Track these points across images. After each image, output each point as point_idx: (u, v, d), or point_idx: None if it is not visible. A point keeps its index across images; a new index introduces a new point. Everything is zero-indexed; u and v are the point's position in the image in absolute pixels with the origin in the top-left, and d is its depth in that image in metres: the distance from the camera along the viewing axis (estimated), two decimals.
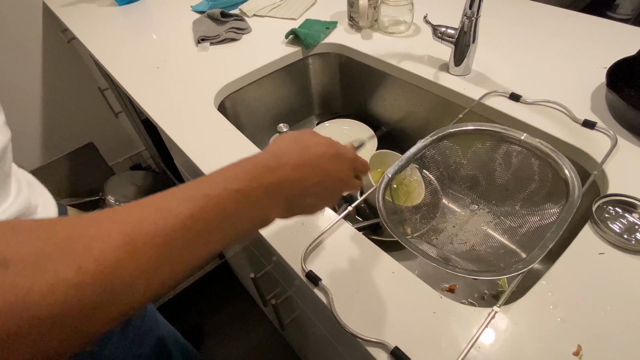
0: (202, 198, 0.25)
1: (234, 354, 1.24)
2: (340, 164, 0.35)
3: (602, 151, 0.52)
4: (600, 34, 0.75)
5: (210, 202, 0.25)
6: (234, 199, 0.27)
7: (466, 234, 0.61)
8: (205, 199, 0.25)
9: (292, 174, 0.31)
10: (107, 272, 0.20)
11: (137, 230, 0.22)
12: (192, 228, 0.24)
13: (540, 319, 0.37)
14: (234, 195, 0.27)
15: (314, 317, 0.60)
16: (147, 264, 0.21)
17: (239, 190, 0.27)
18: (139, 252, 0.21)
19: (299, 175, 0.31)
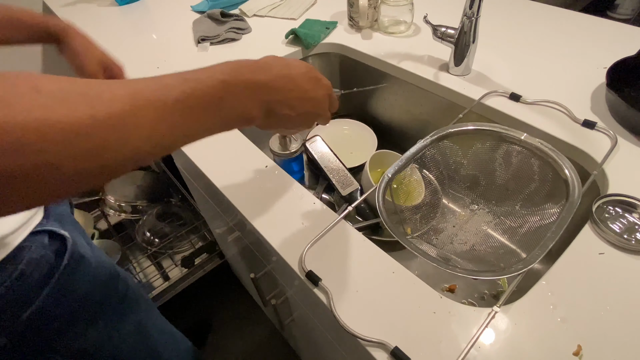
0: (194, 80, 0.29)
1: (234, 354, 1.24)
2: (318, 88, 0.39)
3: (602, 151, 0.52)
4: (600, 34, 0.75)
5: (200, 85, 0.29)
6: (220, 87, 0.31)
7: (466, 234, 0.61)
8: (197, 82, 0.29)
9: (273, 81, 0.35)
10: (114, 115, 0.24)
11: (139, 93, 0.26)
12: (184, 102, 0.28)
13: (540, 319, 0.37)
14: (220, 84, 0.31)
15: (314, 317, 0.60)
16: (147, 120, 0.26)
17: (224, 81, 0.31)
18: (140, 109, 0.26)
19: (280, 85, 0.35)
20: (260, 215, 0.50)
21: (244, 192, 0.53)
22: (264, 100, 0.34)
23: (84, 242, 0.52)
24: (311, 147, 0.72)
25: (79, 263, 0.49)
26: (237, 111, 0.33)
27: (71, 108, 0.22)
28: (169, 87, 0.28)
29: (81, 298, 0.49)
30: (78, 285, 0.49)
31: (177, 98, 0.28)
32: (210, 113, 0.31)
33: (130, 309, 0.60)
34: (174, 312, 1.29)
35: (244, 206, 0.51)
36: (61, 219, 0.50)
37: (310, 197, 0.51)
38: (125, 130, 0.25)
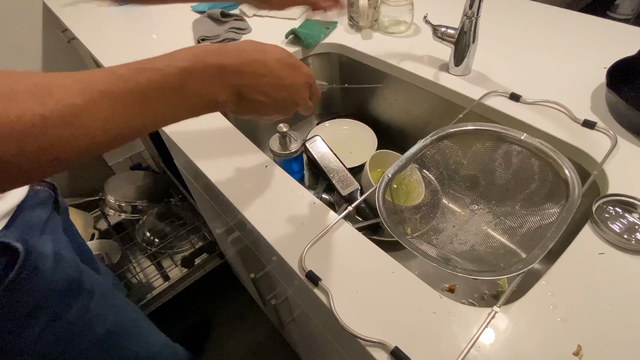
0: (150, 70, 0.29)
1: (234, 354, 1.24)
2: (295, 75, 0.38)
3: (602, 151, 0.52)
4: (600, 34, 0.75)
5: (157, 74, 0.29)
6: (179, 75, 0.30)
7: (466, 234, 0.61)
8: (153, 71, 0.29)
9: (244, 65, 0.34)
10: (65, 111, 0.24)
11: (92, 86, 0.26)
12: (140, 92, 0.28)
13: (540, 319, 0.37)
14: (179, 71, 0.30)
15: (314, 317, 0.60)
16: (101, 113, 0.26)
17: (184, 68, 0.30)
18: (93, 102, 0.26)
19: (251, 69, 0.34)
20: (260, 215, 0.50)
21: (244, 192, 0.53)
22: (233, 84, 0.33)
23: (49, 252, 0.50)
24: (311, 147, 0.72)
25: (31, 276, 0.47)
26: (202, 97, 0.32)
27: (20, 108, 0.23)
28: (123, 79, 0.28)
29: (27, 313, 0.48)
30: (23, 301, 0.47)
31: (132, 89, 0.28)
32: (171, 101, 0.30)
33: (92, 322, 0.58)
34: (174, 312, 1.29)
35: (244, 206, 0.51)
36: (28, 227, 0.48)
37: (310, 197, 0.51)
38: (78, 124, 0.25)
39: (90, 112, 0.26)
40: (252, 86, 0.35)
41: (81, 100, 0.25)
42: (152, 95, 0.29)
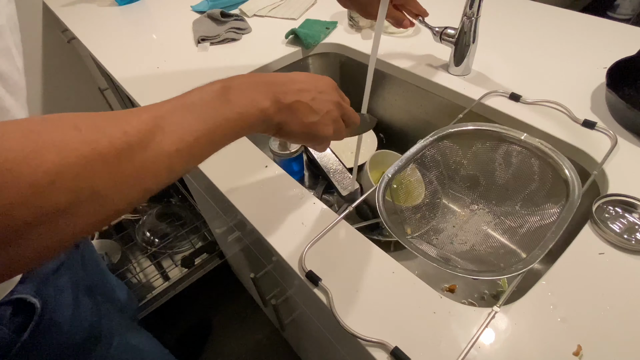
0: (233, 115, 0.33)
1: (234, 354, 1.24)
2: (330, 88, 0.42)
3: (602, 151, 0.52)
4: (600, 34, 0.75)
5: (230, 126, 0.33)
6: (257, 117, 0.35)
7: (466, 234, 0.61)
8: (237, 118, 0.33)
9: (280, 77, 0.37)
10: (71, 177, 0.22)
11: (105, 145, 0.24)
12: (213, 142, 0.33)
13: (540, 319, 0.37)
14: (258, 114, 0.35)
15: (314, 317, 0.60)
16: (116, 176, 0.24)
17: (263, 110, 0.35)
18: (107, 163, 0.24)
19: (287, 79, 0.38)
20: (260, 215, 0.50)
21: (244, 192, 0.53)
22: (271, 90, 0.36)
23: (69, 299, 0.48)
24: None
25: (47, 331, 0.45)
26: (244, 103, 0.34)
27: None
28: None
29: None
30: (40, 356, 0.45)
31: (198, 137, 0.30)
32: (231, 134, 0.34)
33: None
34: (174, 312, 1.29)
35: (244, 206, 0.51)
36: (44, 274, 0.46)
37: (310, 197, 0.51)
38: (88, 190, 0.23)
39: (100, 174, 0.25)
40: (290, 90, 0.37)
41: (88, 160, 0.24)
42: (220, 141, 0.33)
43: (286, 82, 0.37)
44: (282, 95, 0.36)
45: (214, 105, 0.31)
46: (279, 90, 0.36)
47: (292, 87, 0.37)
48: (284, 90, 0.36)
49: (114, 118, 0.25)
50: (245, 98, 0.34)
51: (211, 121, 0.31)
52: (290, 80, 0.37)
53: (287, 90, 0.36)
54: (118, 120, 0.25)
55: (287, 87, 0.36)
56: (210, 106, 0.31)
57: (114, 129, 0.24)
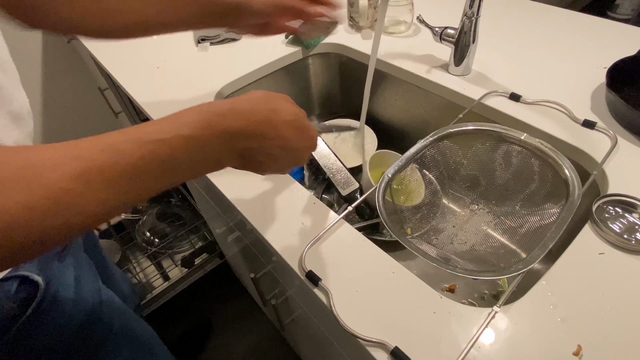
0: (154, 143, 0.26)
1: (234, 354, 1.24)
2: (302, 138, 0.36)
3: (602, 151, 0.52)
4: (600, 34, 0.75)
5: (162, 147, 0.27)
6: (186, 145, 0.28)
7: (466, 234, 0.61)
8: (158, 144, 0.27)
9: (252, 128, 0.32)
10: (56, 197, 0.22)
11: (89, 164, 0.24)
12: (143, 169, 0.26)
13: (540, 319, 0.37)
14: (186, 142, 0.28)
15: (314, 317, 0.60)
16: (97, 195, 0.24)
17: (191, 137, 0.28)
18: (90, 184, 0.23)
19: (259, 131, 0.32)
20: (260, 215, 0.50)
21: (244, 192, 0.53)
22: (239, 147, 0.32)
23: (71, 280, 0.49)
24: None
25: (49, 309, 0.45)
26: (206, 165, 0.31)
27: (3, 198, 0.21)
28: (126, 154, 0.25)
29: (41, 350, 0.46)
30: (40, 338, 0.45)
31: (135, 165, 0.26)
32: (176, 171, 0.28)
33: (108, 355, 0.56)
34: (174, 312, 1.29)
35: (244, 206, 0.51)
36: (49, 258, 0.47)
37: (310, 197, 0.51)
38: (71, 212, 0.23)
39: (86, 195, 0.23)
40: (258, 149, 0.33)
41: (75, 184, 0.23)
42: (155, 170, 0.27)
43: (259, 135, 0.32)
44: (252, 153, 0.33)
45: (170, 166, 0.28)
46: (251, 147, 0.32)
47: (266, 143, 0.33)
48: (256, 147, 0.33)
49: (22, 169, 0.22)
50: (209, 156, 0.30)
51: (157, 183, 0.28)
52: (263, 132, 0.33)
53: (259, 147, 0.33)
54: (27, 172, 0.22)
55: (260, 143, 0.33)
56: (164, 168, 0.27)
57: (16, 189, 0.22)
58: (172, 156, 0.27)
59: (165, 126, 0.28)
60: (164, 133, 0.27)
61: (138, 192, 0.27)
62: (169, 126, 0.28)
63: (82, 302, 0.50)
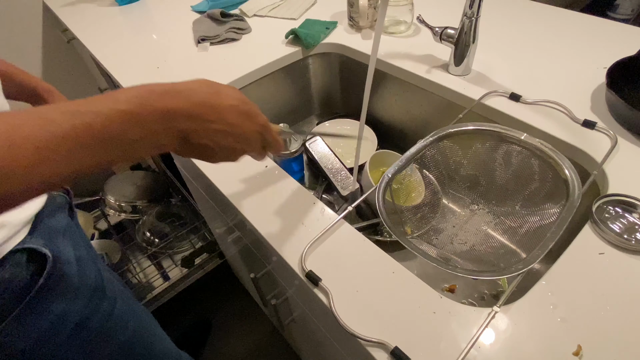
0: (88, 113, 0.26)
1: (234, 354, 1.24)
2: (248, 124, 0.35)
3: (602, 151, 0.52)
4: (600, 34, 0.75)
5: (96, 119, 0.26)
6: (121, 120, 0.27)
7: (466, 234, 0.61)
8: (92, 115, 0.26)
9: (191, 109, 0.31)
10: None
11: (16, 130, 0.24)
12: (75, 140, 0.26)
13: (540, 319, 0.37)
14: (121, 116, 0.27)
15: (314, 317, 0.60)
16: (25, 160, 0.24)
17: (127, 112, 0.28)
18: (16, 148, 0.23)
19: (199, 113, 0.32)
20: (260, 215, 0.50)
21: (244, 192, 0.53)
22: (179, 129, 0.31)
23: (72, 258, 0.50)
24: (311, 147, 0.72)
25: (58, 282, 0.47)
26: (144, 143, 0.30)
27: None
28: (55, 123, 0.25)
29: (54, 319, 0.47)
30: (52, 307, 0.47)
31: (66, 134, 0.25)
32: (109, 147, 0.28)
33: (115, 330, 0.57)
34: (174, 312, 1.29)
35: (244, 206, 0.51)
36: (50, 233, 0.48)
37: (310, 197, 0.51)
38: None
39: (12, 159, 0.23)
40: (199, 131, 0.32)
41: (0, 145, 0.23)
42: (88, 142, 0.26)
43: (199, 117, 0.32)
44: (192, 135, 0.32)
45: (104, 140, 0.27)
46: (191, 129, 0.32)
47: (207, 126, 0.32)
48: (196, 129, 0.32)
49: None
50: (146, 134, 0.29)
51: (90, 159, 0.27)
52: (205, 114, 0.32)
53: (200, 130, 0.32)
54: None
55: (201, 125, 0.32)
56: (98, 142, 0.27)
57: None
58: (107, 129, 0.27)
59: (102, 100, 0.27)
60: (99, 106, 0.27)
61: (71, 164, 0.26)
62: (105, 100, 0.28)
63: (86, 279, 0.52)
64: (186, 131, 0.31)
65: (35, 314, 0.45)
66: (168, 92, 0.30)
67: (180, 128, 0.31)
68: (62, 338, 0.49)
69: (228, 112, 0.33)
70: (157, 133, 0.30)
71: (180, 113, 0.30)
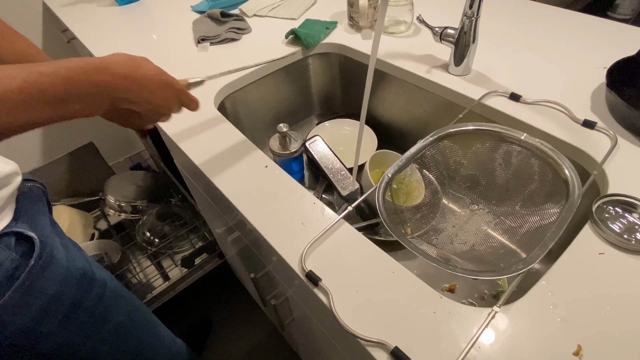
0: (36, 73, 0.33)
1: (234, 354, 1.24)
2: (166, 92, 0.43)
3: (602, 151, 0.52)
4: (600, 34, 0.75)
5: (43, 78, 0.33)
6: (65, 82, 0.34)
7: (466, 234, 0.61)
8: (39, 75, 0.33)
9: (119, 81, 0.38)
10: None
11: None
12: (25, 91, 0.32)
13: (540, 319, 0.37)
14: (65, 80, 0.34)
15: (314, 317, 0.60)
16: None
17: (69, 78, 0.34)
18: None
19: (125, 85, 0.39)
20: (260, 215, 0.50)
21: (244, 192, 0.53)
22: (109, 98, 0.38)
23: (58, 244, 0.52)
24: (311, 147, 0.72)
25: (49, 263, 0.49)
26: (80, 106, 0.36)
27: None
28: (10, 77, 0.31)
29: (49, 299, 0.49)
30: (46, 286, 0.48)
31: (18, 88, 0.31)
32: (53, 103, 0.34)
33: (109, 311, 0.59)
34: (174, 312, 1.29)
35: (244, 206, 0.51)
36: (33, 219, 0.50)
37: (310, 197, 0.51)
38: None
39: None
40: (125, 100, 0.40)
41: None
42: (38, 95, 0.33)
43: (128, 88, 0.39)
44: (119, 102, 0.40)
45: (46, 100, 0.33)
46: (119, 97, 0.39)
47: (132, 95, 0.40)
48: (124, 97, 0.40)
49: None
50: (82, 100, 0.36)
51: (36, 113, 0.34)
52: (129, 85, 0.39)
53: (127, 98, 0.40)
54: None
55: (127, 94, 0.40)
56: (42, 99, 0.33)
57: None
58: (52, 87, 0.33)
59: (48, 65, 0.34)
60: (46, 69, 0.34)
61: (21, 114, 0.32)
62: (51, 65, 0.34)
63: (74, 262, 0.54)
64: (115, 98, 0.39)
65: (30, 294, 0.47)
66: (100, 66, 0.37)
67: (111, 97, 0.39)
68: (59, 317, 0.50)
69: (148, 82, 0.41)
70: (91, 98, 0.37)
71: (111, 84, 0.38)
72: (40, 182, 0.59)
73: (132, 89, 0.40)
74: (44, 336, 0.50)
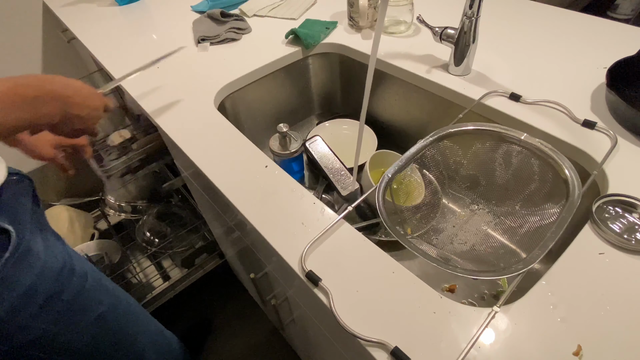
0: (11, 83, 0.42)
1: (234, 354, 1.24)
2: (94, 98, 0.53)
3: (602, 151, 0.52)
4: (600, 34, 0.75)
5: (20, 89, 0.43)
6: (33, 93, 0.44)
7: (466, 234, 0.61)
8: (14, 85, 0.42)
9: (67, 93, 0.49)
10: None
11: None
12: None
13: (540, 319, 0.37)
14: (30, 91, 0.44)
15: (314, 317, 0.60)
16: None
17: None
18: None
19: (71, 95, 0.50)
20: (260, 215, 0.50)
21: (244, 192, 0.53)
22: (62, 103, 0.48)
23: (38, 237, 0.54)
24: (311, 147, 0.72)
25: (25, 256, 0.50)
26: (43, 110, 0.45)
27: None
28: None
29: (25, 290, 0.50)
30: (21, 278, 0.49)
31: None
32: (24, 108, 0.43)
33: (89, 303, 0.60)
34: (173, 312, 1.29)
35: (244, 206, 0.51)
36: (14, 212, 0.51)
37: (310, 197, 0.51)
38: None
39: None
40: (73, 105, 0.49)
41: None
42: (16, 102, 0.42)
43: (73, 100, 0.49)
44: (70, 108, 0.49)
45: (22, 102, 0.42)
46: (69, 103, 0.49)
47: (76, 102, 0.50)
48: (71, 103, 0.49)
49: None
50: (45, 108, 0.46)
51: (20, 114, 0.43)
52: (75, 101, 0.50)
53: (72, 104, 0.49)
54: None
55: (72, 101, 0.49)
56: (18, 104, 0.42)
57: None
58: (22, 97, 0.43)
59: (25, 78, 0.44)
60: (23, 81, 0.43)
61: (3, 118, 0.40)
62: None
63: (52, 255, 0.55)
64: (66, 104, 0.49)
65: (4, 286, 0.48)
66: (33, 87, 0.45)
67: (65, 102, 0.48)
68: (34, 309, 0.51)
69: (84, 94, 0.51)
70: (48, 105, 0.46)
71: (60, 95, 0.47)
72: (27, 176, 0.61)
73: (75, 101, 0.49)
74: (21, 328, 0.51)
